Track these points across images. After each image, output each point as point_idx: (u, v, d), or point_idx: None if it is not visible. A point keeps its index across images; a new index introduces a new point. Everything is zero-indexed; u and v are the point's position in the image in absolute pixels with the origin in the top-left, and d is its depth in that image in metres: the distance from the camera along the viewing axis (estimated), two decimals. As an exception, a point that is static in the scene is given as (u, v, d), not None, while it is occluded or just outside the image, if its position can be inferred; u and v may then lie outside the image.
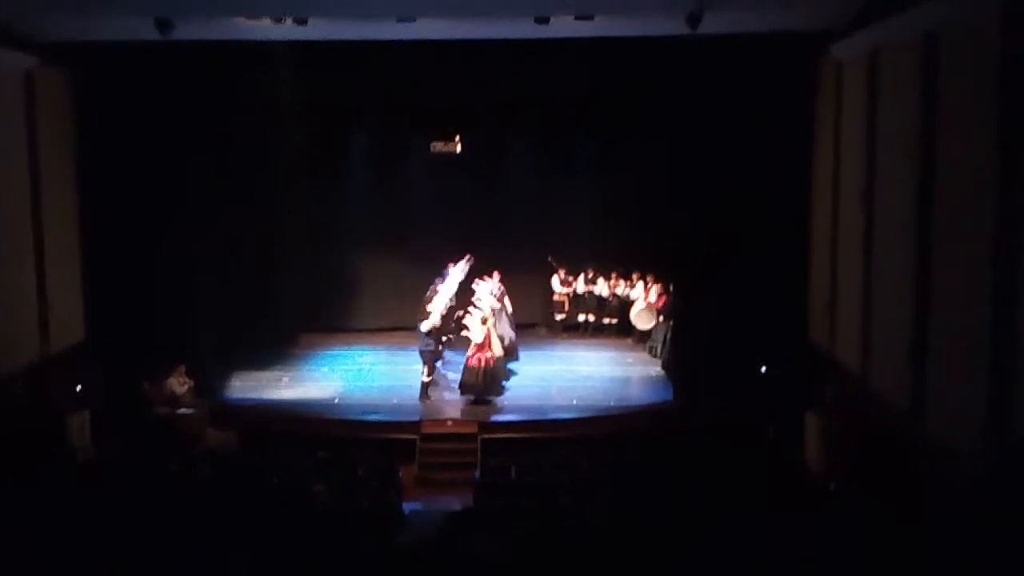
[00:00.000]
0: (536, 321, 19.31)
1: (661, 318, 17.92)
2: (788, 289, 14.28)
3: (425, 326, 15.70)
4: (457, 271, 17.33)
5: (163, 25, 11.73)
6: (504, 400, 15.68)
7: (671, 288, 17.27)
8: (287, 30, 12.47)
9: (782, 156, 14.05)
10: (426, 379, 15.67)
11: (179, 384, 14.44)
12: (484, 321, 15.36)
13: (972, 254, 8.68)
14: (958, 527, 8.63)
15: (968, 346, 8.68)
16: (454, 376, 15.96)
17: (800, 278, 14.31)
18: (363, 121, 18.03)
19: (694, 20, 11.53)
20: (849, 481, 11.92)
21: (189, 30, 12.15)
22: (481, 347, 15.25)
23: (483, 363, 15.22)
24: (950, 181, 9.37)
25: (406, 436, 14.38)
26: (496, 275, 17.31)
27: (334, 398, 15.74)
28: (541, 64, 15.16)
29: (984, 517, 8.17)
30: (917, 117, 9.95)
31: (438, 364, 16.43)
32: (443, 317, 16.28)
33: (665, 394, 15.87)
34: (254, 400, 15.62)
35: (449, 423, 14.67)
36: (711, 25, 11.72)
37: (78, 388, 13.99)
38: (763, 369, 14.43)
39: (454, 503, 12.34)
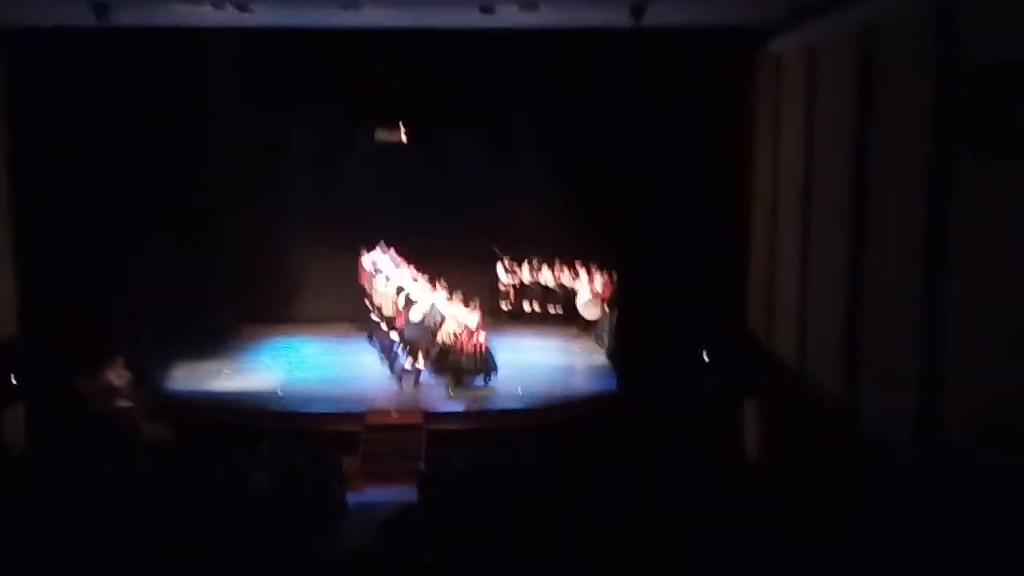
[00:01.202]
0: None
1: (607, 308, 18.06)
2: (728, 280, 14.49)
3: (416, 315, 15.67)
4: (387, 260, 17.32)
5: (100, 9, 11.47)
6: (445, 391, 15.71)
7: (615, 278, 17.41)
8: (228, 16, 12.27)
9: (723, 149, 14.25)
10: (419, 367, 15.73)
11: (116, 377, 14.19)
12: (472, 305, 15.68)
13: (905, 250, 8.89)
14: (885, 519, 8.87)
15: (899, 341, 8.90)
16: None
17: (740, 269, 14.53)
18: (305, 110, 17.84)
19: (638, 12, 11.62)
20: (784, 470, 12.17)
21: (127, 15, 11.90)
22: (474, 331, 15.52)
23: (480, 346, 15.52)
24: (885, 176, 9.58)
25: (350, 428, 14.31)
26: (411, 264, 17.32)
27: (276, 390, 15.60)
28: (486, 55, 15.16)
29: (911, 511, 8.40)
30: (854, 112, 10.15)
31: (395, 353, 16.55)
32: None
33: (609, 383, 16.02)
34: (194, 392, 15.41)
35: (394, 414, 14.64)
36: (654, 17, 11.82)
37: (12, 382, 13.67)
38: (704, 359, 14.64)
39: (398, 494, 12.37)
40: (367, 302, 17.59)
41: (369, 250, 17.81)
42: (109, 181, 14.73)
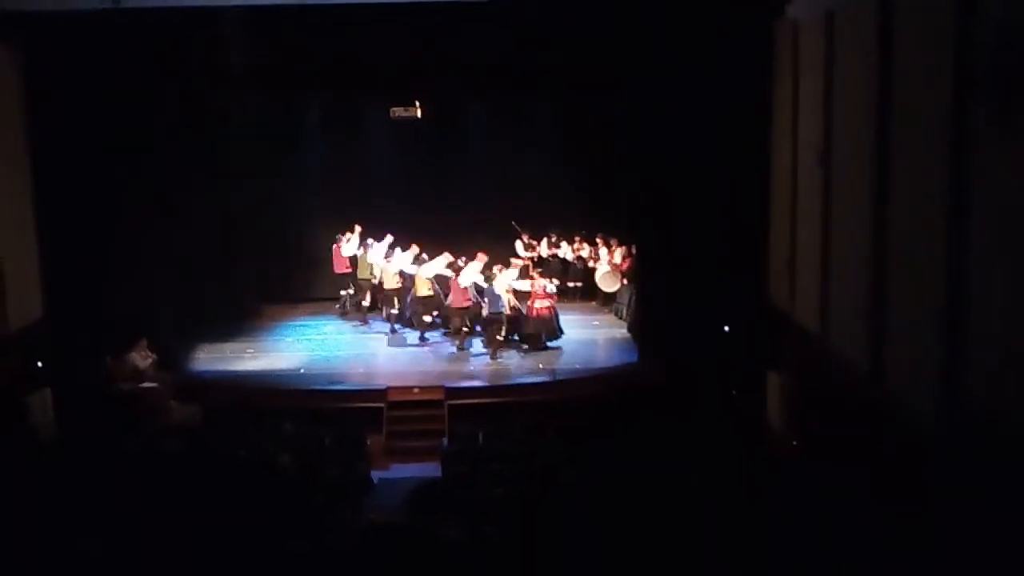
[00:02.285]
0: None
1: (625, 280, 18.03)
2: (748, 250, 14.37)
3: (502, 285, 16.16)
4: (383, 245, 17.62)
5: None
6: (470, 365, 15.77)
7: (634, 251, 17.35)
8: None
9: (740, 116, 14.07)
10: (500, 338, 16.22)
11: (141, 358, 14.30)
12: (526, 271, 16.41)
13: (928, 214, 8.77)
14: (913, 487, 8.81)
15: (924, 305, 8.80)
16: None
17: (760, 238, 14.40)
18: (319, 88, 17.82)
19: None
20: (808, 440, 12.12)
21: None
22: (533, 296, 16.04)
23: (544, 310, 16.08)
24: (906, 141, 9.43)
25: (373, 405, 14.39)
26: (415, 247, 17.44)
27: (299, 369, 15.68)
28: (499, 24, 15.01)
29: (938, 477, 8.34)
30: (874, 76, 9.99)
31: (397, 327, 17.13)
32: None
33: (630, 356, 16.01)
34: (218, 373, 15.53)
35: (415, 390, 14.70)
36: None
37: (38, 366, 13.80)
38: (725, 329, 14.57)
39: (422, 471, 12.44)
40: (355, 283, 17.84)
41: (344, 235, 17.95)
42: (128, 162, 14.75)
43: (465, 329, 16.42)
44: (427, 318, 16.85)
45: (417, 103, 17.73)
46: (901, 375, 9.51)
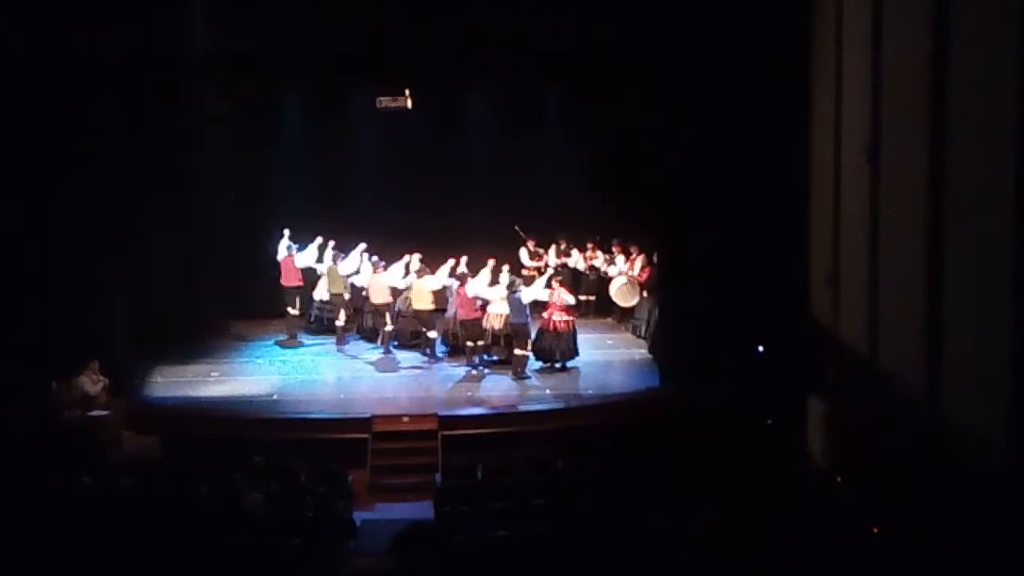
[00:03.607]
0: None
1: (645, 294, 18.00)
2: (786, 260, 14.35)
3: (528, 296, 16.48)
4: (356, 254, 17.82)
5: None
6: (466, 391, 15.74)
7: (656, 260, 17.33)
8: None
9: (775, 105, 14.07)
10: (527, 353, 16.35)
11: (92, 382, 14.25)
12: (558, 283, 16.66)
13: (991, 215, 8.73)
14: (979, 520, 8.74)
15: (988, 319, 8.76)
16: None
17: (799, 247, 14.38)
18: (296, 76, 17.83)
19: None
20: (857, 473, 12.05)
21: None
22: (551, 307, 16.31)
23: (563, 323, 16.35)
24: (966, 130, 9.40)
25: (356, 435, 14.34)
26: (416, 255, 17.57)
27: (271, 394, 15.66)
28: (501, 5, 15.06)
29: (1006, 515, 8.27)
30: (927, 56, 9.98)
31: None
32: None
33: (651, 380, 15.97)
34: (178, 399, 15.49)
35: (405, 419, 14.66)
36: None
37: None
38: (760, 350, 14.53)
39: (412, 511, 12.38)
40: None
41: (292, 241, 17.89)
42: (79, 163, 14.76)
43: (470, 344, 16.38)
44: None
45: (407, 92, 17.74)
46: (962, 398, 9.45)
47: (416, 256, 17.43)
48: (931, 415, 10.04)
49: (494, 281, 16.68)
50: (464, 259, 17.22)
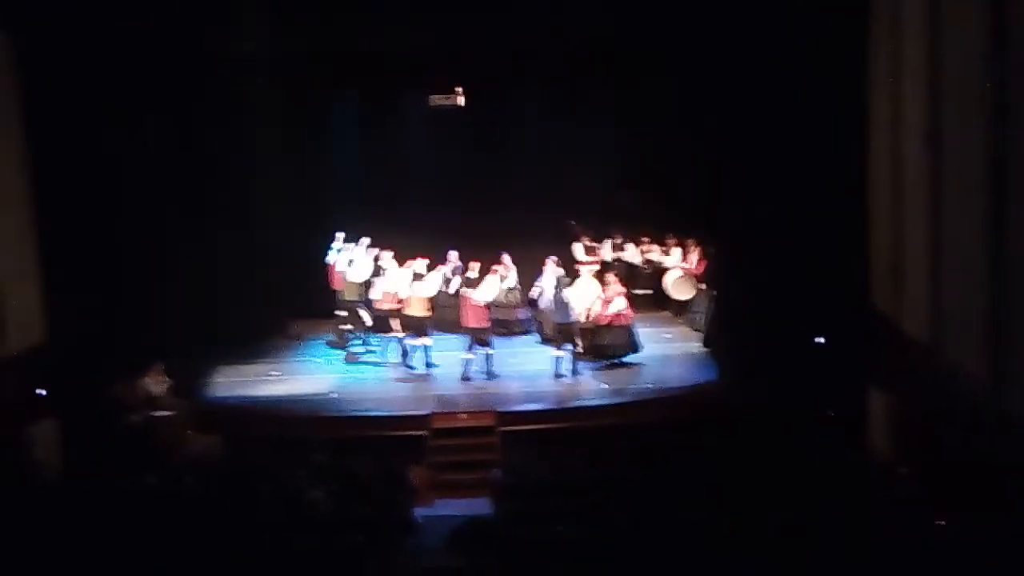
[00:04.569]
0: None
1: (702, 286, 17.90)
2: (846, 249, 14.18)
3: (575, 296, 16.44)
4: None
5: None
6: (525, 386, 15.77)
7: (712, 252, 17.22)
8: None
9: (833, 94, 13.91)
10: (579, 350, 16.34)
11: (156, 384, 14.51)
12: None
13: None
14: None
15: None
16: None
17: (859, 235, 14.21)
18: (350, 75, 18.00)
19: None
20: (921, 466, 11.90)
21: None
22: (604, 302, 16.35)
23: (620, 316, 16.27)
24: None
25: (415, 432, 14.46)
26: (453, 254, 17.67)
27: (331, 392, 15.81)
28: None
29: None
30: (988, 41, 9.82)
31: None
32: None
33: (709, 374, 15.90)
34: (240, 398, 15.70)
35: (463, 416, 14.75)
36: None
37: (41, 394, 14.07)
38: (819, 341, 14.39)
39: (472, 507, 12.45)
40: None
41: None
42: (137, 170, 15.04)
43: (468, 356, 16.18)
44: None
45: (459, 89, 17.81)
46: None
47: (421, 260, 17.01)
48: (994, 407, 9.90)
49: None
50: (476, 265, 17.08)
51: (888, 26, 13.05)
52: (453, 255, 17.85)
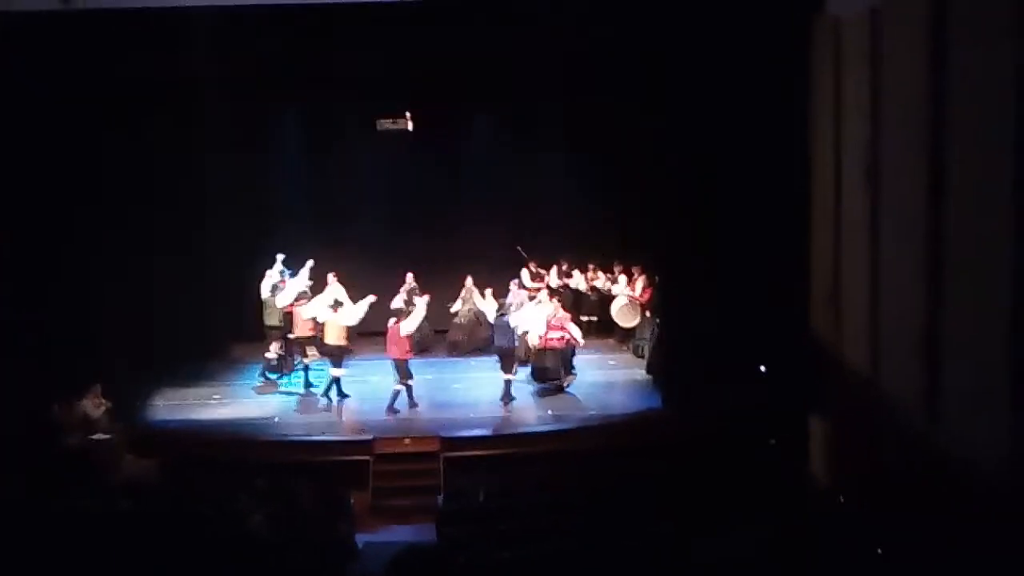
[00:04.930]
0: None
1: (647, 314, 18.03)
2: (786, 278, 14.38)
3: (526, 319, 16.62)
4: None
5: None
6: (468, 412, 15.76)
7: (656, 280, 17.37)
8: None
9: (776, 126, 14.14)
10: (512, 377, 16.23)
11: (93, 406, 14.28)
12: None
13: (991, 234, 8.79)
14: (979, 539, 8.76)
15: (989, 339, 8.80)
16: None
17: (800, 266, 14.42)
18: (294, 98, 18.00)
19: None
20: (860, 493, 12.06)
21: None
22: (548, 326, 16.28)
23: (558, 341, 16.25)
24: (965, 151, 9.47)
25: (357, 457, 14.37)
26: (409, 276, 17.86)
27: (273, 417, 15.68)
28: (501, 24, 15.15)
29: (1009, 537, 8.29)
30: (926, 81, 10.06)
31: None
32: None
33: (653, 401, 15.98)
34: (180, 422, 15.52)
35: (406, 441, 14.68)
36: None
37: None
38: (761, 369, 14.55)
39: (414, 533, 12.39)
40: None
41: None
42: (78, 185, 14.84)
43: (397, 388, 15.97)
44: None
45: (407, 114, 17.86)
46: (963, 418, 9.48)
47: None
48: (930, 434, 10.07)
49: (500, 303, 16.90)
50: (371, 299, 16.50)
51: (829, 63, 13.32)
52: (409, 277, 17.92)
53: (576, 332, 16.37)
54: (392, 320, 16.08)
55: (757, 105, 14.01)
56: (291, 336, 17.21)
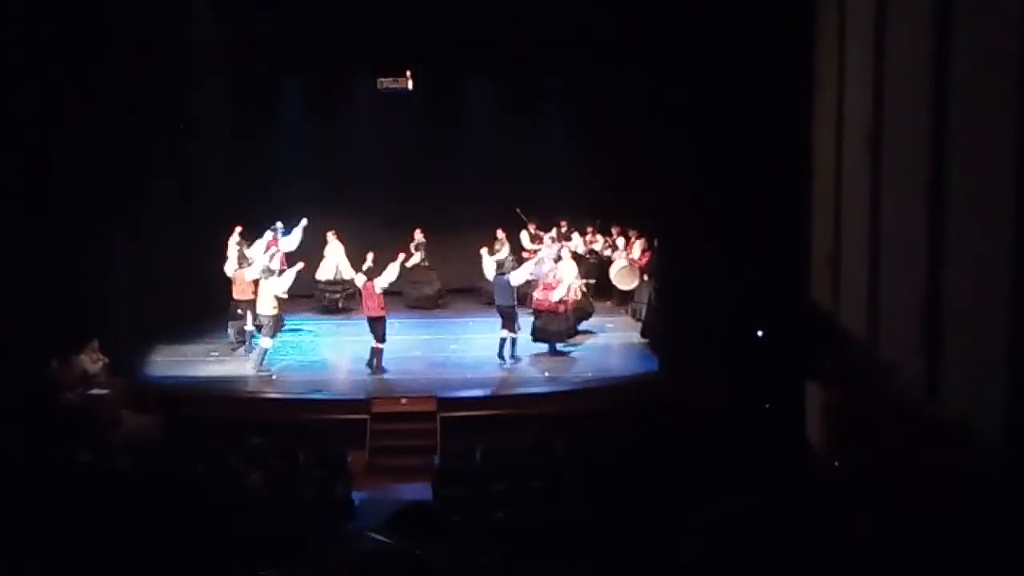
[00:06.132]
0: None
1: (645, 277, 17.99)
2: (786, 242, 14.31)
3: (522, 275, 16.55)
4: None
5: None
6: (465, 373, 15.75)
7: (655, 243, 17.31)
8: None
9: (778, 91, 14.01)
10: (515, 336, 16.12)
11: (91, 361, 14.29)
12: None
13: (992, 202, 8.71)
14: (975, 517, 8.75)
15: (988, 306, 8.74)
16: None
17: (799, 229, 14.33)
18: (297, 58, 17.85)
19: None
20: (854, 459, 12.07)
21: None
22: (544, 286, 16.32)
23: (564, 306, 16.27)
24: (968, 117, 9.37)
25: (355, 416, 14.36)
26: (418, 232, 17.95)
27: (271, 374, 15.63)
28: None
29: (1004, 506, 8.28)
30: (930, 42, 9.92)
31: None
32: None
33: (649, 364, 15.97)
34: (178, 378, 15.51)
35: (403, 400, 14.69)
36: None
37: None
38: (759, 334, 14.52)
39: (410, 492, 12.41)
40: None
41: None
42: (79, 145, 14.74)
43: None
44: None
45: (408, 73, 17.71)
46: (961, 387, 9.45)
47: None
48: (928, 404, 10.04)
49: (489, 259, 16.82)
50: (370, 256, 16.51)
51: (833, 33, 13.17)
52: (417, 233, 17.92)
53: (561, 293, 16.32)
54: (363, 278, 15.81)
55: (758, 69, 13.88)
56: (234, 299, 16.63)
